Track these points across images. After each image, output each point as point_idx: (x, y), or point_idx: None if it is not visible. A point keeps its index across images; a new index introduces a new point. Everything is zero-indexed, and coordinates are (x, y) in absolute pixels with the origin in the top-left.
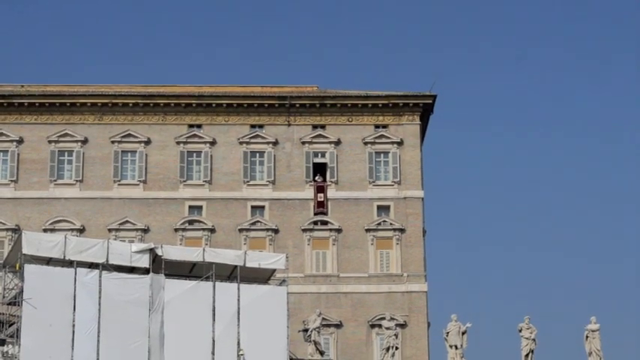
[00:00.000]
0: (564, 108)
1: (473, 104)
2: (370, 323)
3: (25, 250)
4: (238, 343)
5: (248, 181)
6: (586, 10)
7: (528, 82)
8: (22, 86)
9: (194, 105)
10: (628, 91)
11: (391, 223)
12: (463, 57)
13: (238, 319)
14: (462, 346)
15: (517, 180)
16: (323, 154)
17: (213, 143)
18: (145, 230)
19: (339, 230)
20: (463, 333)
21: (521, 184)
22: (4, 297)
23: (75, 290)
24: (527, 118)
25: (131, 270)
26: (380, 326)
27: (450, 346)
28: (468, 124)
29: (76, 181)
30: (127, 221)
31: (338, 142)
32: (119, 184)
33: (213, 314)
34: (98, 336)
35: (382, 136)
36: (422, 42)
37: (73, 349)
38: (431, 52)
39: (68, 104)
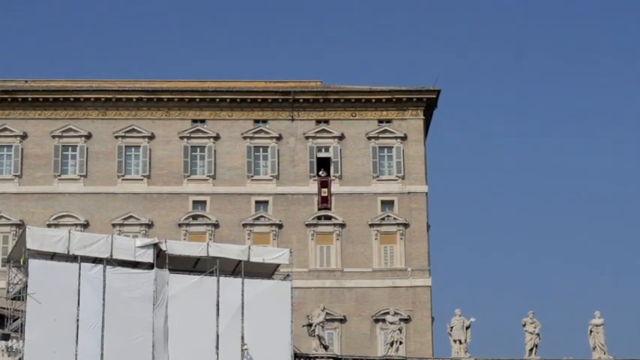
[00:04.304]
0: (568, 105)
1: (477, 99)
2: (374, 318)
3: (29, 245)
4: (242, 338)
5: (252, 176)
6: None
7: (532, 78)
8: (26, 81)
9: (198, 100)
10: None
11: (395, 218)
12: (467, 52)
13: (242, 313)
14: (466, 340)
15: (520, 174)
16: (327, 149)
17: (216, 138)
18: (149, 225)
19: (342, 225)
20: (467, 327)
21: (525, 178)
22: (8, 292)
23: (79, 285)
24: (531, 114)
25: (135, 265)
26: (384, 321)
27: (454, 341)
28: (472, 119)
29: (80, 176)
30: (130, 216)
31: (342, 137)
32: (123, 179)
33: (217, 309)
34: (102, 331)
35: (386, 130)
36: (425, 37)
37: (77, 343)
38: (435, 46)
39: (72, 99)
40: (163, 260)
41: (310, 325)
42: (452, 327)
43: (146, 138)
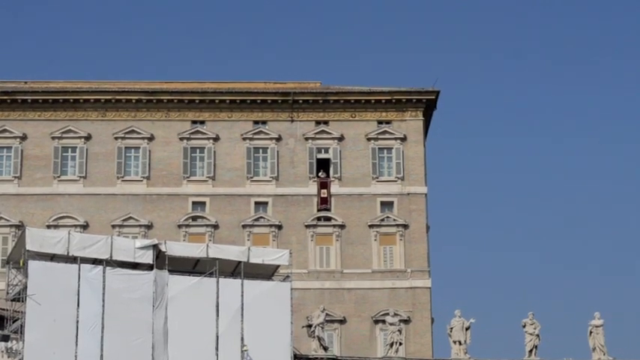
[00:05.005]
0: (567, 105)
1: (476, 100)
2: (374, 319)
3: (28, 247)
4: (242, 339)
5: (251, 177)
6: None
7: (531, 79)
8: (26, 82)
9: (197, 101)
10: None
11: (394, 219)
12: (466, 53)
13: (242, 314)
14: (465, 341)
15: (520, 175)
16: (326, 150)
17: (216, 139)
18: (149, 226)
19: (342, 226)
20: (467, 329)
21: (525, 178)
22: (8, 293)
23: (79, 286)
24: (531, 114)
25: (135, 266)
26: (384, 322)
27: (454, 342)
28: (471, 120)
29: (80, 177)
30: (130, 217)
31: (341, 138)
32: (122, 181)
33: (217, 310)
34: (102, 332)
35: (385, 132)
36: (425, 38)
37: (76, 344)
38: (434, 47)
39: (71, 100)
40: (163, 261)
41: (310, 326)
42: (452, 328)
43: (146, 139)
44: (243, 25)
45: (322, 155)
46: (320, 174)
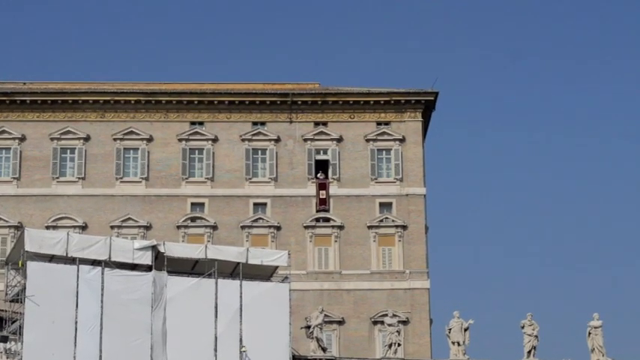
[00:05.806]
0: (567, 106)
1: (475, 101)
2: (372, 320)
3: (27, 248)
4: (240, 340)
5: (250, 178)
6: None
7: (530, 79)
8: (25, 83)
9: (196, 102)
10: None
11: (393, 220)
12: (465, 54)
13: (241, 315)
14: (464, 342)
15: (519, 176)
16: (325, 151)
17: (215, 140)
18: (147, 227)
19: (341, 227)
20: (465, 329)
21: (523, 180)
22: (6, 294)
23: (77, 287)
24: (530, 115)
25: (133, 267)
26: (382, 323)
27: (453, 343)
28: (470, 121)
29: (79, 178)
30: (129, 218)
31: (340, 139)
32: (121, 182)
33: (216, 311)
34: (101, 333)
35: (384, 132)
36: (424, 39)
37: (75, 345)
38: (433, 48)
39: (70, 101)
40: (162, 262)
41: (309, 327)
42: (450, 329)
43: (144, 140)
44: (242, 26)
45: (321, 156)
46: (319, 175)
